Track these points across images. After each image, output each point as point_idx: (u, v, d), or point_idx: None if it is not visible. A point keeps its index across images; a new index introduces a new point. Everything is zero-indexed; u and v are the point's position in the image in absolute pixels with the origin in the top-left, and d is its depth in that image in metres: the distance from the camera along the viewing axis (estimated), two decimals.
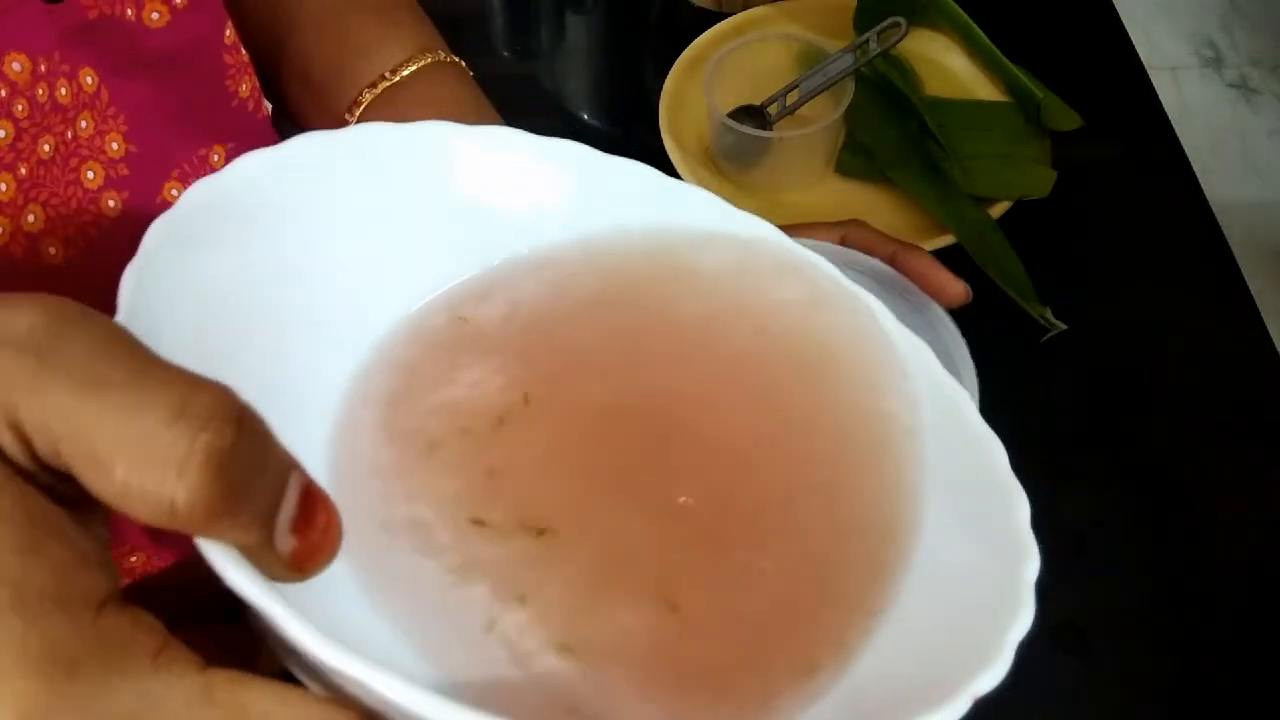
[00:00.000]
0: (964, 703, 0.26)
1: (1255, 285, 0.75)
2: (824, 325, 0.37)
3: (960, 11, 0.82)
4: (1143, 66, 0.88)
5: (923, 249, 0.51)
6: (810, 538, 0.33)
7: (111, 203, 0.42)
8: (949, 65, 0.84)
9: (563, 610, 0.30)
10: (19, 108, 0.38)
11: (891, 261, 0.51)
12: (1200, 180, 0.81)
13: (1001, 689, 0.27)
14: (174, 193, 0.45)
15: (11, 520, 0.23)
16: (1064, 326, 0.70)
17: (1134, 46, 0.89)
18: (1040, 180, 0.76)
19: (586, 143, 0.37)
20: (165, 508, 0.23)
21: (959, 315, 0.49)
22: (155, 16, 0.42)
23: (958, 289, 0.50)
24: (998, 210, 0.74)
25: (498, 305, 0.37)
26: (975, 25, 0.82)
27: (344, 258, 0.35)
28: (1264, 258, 0.77)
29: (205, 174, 0.46)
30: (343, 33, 0.53)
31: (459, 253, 0.37)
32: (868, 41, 0.76)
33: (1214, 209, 0.79)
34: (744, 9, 0.87)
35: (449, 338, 0.36)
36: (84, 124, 0.40)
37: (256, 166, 0.33)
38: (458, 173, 0.37)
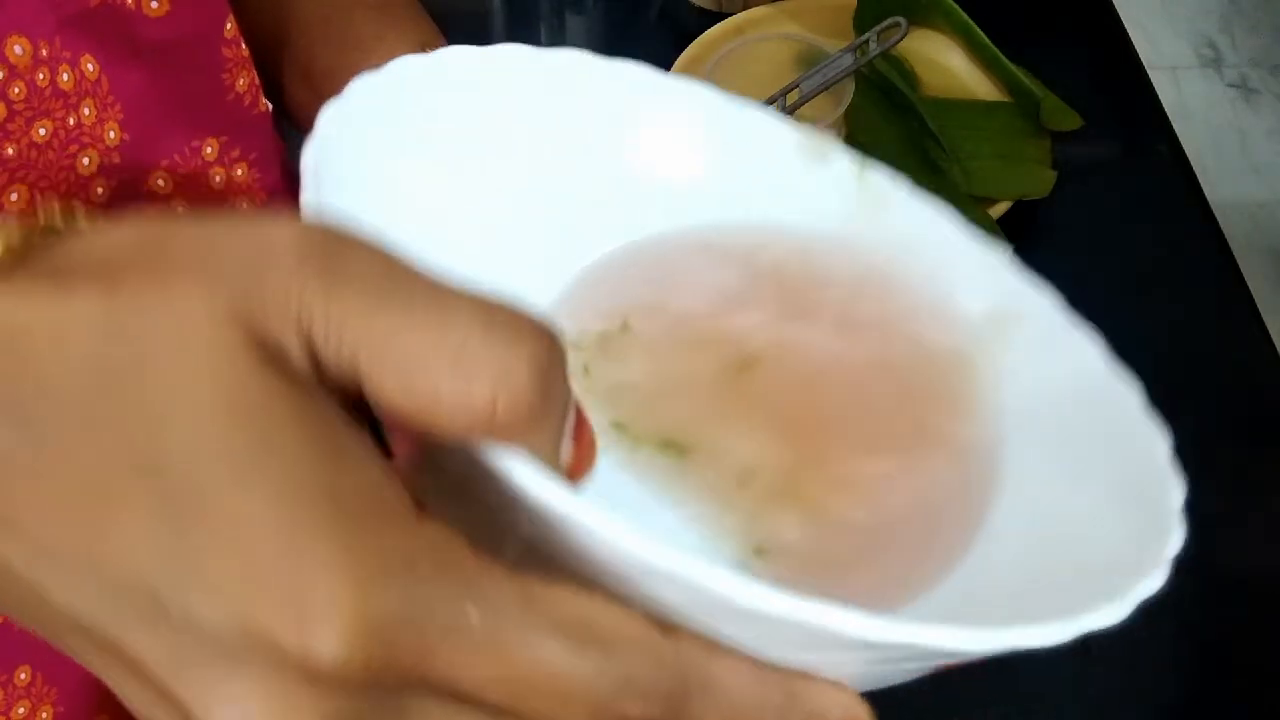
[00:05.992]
0: (1133, 600, 0.26)
1: (1255, 285, 0.75)
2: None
3: (960, 11, 0.82)
4: (1143, 66, 0.88)
5: None
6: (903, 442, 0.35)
7: (100, 189, 0.42)
8: (949, 65, 0.84)
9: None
10: (15, 90, 0.38)
11: None
12: (1200, 180, 0.81)
13: (1000, 690, 0.27)
14: (160, 183, 0.45)
15: (312, 428, 0.22)
16: None
17: (1134, 46, 0.89)
18: (1040, 180, 0.76)
19: None
20: (483, 411, 0.22)
21: None
22: (155, 5, 0.42)
23: None
24: (998, 210, 0.74)
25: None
26: (975, 25, 0.82)
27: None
28: (1264, 258, 0.77)
29: (196, 165, 0.46)
30: (344, 29, 0.53)
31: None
32: (868, 41, 0.76)
33: (1214, 209, 0.79)
34: (744, 9, 0.87)
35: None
36: (87, 111, 0.40)
37: (465, 59, 0.34)
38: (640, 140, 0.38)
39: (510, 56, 0.36)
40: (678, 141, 0.39)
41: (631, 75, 0.38)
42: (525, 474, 0.23)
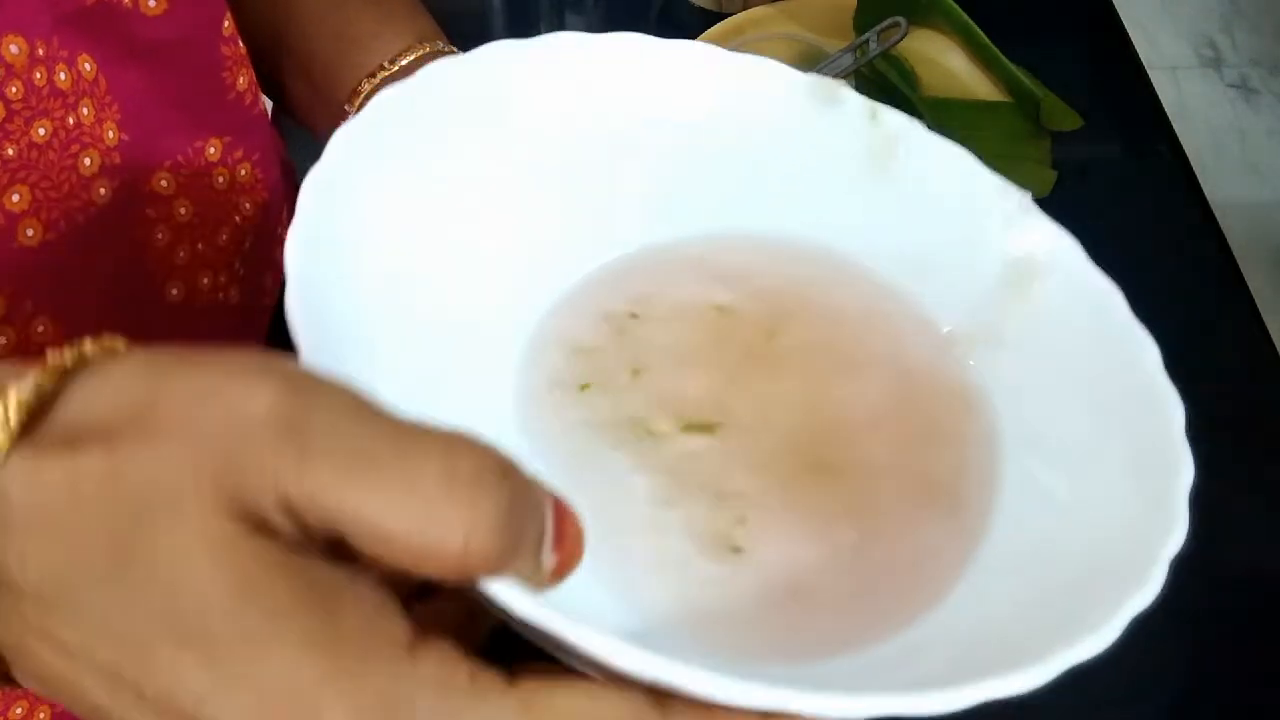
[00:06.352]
0: (1120, 623, 0.27)
1: (1255, 285, 0.75)
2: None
3: (960, 11, 0.82)
4: (1143, 66, 0.88)
5: None
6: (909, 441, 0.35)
7: (102, 190, 0.42)
8: (949, 65, 0.83)
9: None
10: (13, 89, 0.38)
11: None
12: (1200, 180, 0.81)
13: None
14: (163, 183, 0.45)
15: (299, 586, 0.24)
16: None
17: (1134, 46, 0.89)
18: (1040, 180, 0.76)
19: None
20: (455, 563, 0.24)
21: None
22: (152, 4, 0.42)
23: None
24: None
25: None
26: (975, 25, 0.82)
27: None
28: (1264, 258, 0.77)
29: (199, 166, 0.46)
30: (341, 25, 0.53)
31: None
32: (868, 41, 0.76)
33: (1214, 209, 0.79)
34: (744, 9, 0.87)
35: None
36: (85, 111, 0.40)
37: (444, 71, 0.34)
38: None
39: (496, 55, 0.35)
40: (686, 94, 0.38)
41: (628, 43, 0.38)
42: (504, 594, 0.24)
